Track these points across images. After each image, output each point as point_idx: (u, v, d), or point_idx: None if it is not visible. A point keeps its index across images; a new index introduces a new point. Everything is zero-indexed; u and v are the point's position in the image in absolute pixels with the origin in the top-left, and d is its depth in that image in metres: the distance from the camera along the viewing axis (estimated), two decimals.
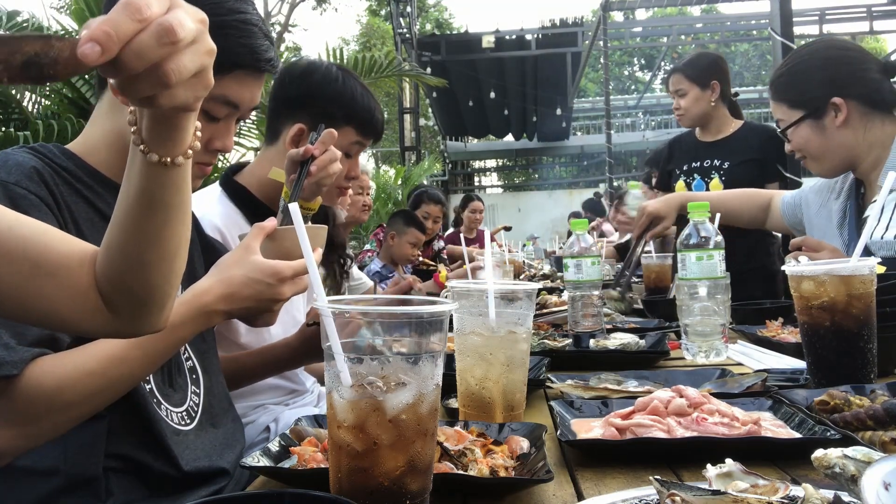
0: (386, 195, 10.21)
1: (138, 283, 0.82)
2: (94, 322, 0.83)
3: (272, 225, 1.17)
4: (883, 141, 1.80)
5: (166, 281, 0.84)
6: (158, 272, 0.82)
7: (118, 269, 0.81)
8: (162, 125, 0.70)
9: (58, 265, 0.80)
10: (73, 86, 4.50)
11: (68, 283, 0.80)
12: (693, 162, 3.12)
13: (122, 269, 0.80)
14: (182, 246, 0.84)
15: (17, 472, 1.00)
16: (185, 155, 0.73)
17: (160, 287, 0.84)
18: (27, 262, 0.77)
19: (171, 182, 0.75)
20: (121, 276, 0.81)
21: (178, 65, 0.57)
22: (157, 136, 0.71)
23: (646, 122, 20.13)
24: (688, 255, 1.63)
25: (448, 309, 0.74)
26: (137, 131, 0.71)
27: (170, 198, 0.77)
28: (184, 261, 0.87)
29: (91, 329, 0.86)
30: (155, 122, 0.70)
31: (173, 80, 0.58)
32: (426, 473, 0.73)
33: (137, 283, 0.82)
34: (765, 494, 0.65)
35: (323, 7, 22.06)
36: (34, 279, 0.78)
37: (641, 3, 10.65)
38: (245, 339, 1.63)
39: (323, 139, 1.39)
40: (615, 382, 1.32)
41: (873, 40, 20.16)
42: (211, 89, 0.64)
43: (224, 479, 1.21)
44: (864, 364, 1.23)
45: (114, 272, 0.81)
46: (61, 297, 0.80)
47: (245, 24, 1.20)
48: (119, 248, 0.80)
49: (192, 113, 0.70)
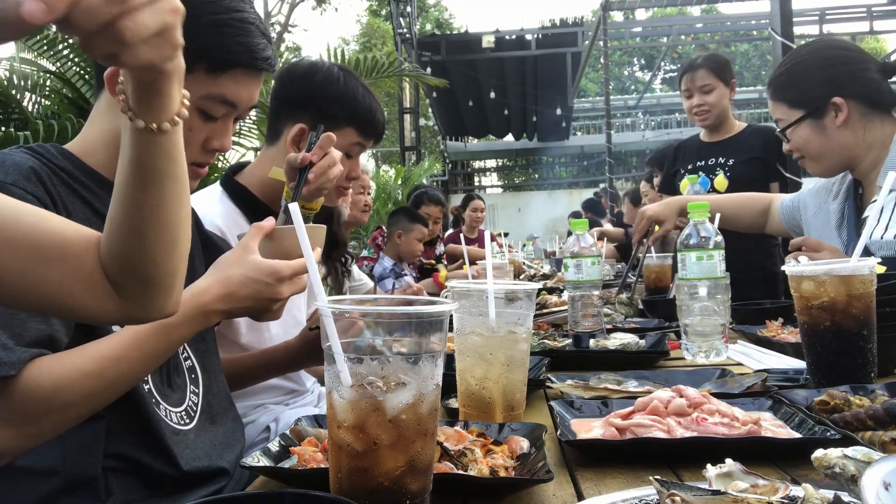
0: (386, 195, 10.20)
1: (141, 259, 0.82)
2: (103, 307, 0.84)
3: (271, 224, 1.17)
4: (882, 141, 1.80)
5: (168, 257, 0.84)
6: (159, 247, 0.83)
7: (120, 247, 0.81)
8: (144, 91, 0.71)
9: (63, 251, 0.80)
10: (73, 86, 4.50)
11: (74, 268, 0.81)
12: (697, 161, 3.13)
13: (123, 246, 0.81)
14: (182, 222, 0.85)
15: (16, 472, 1.00)
16: (171, 122, 0.74)
17: (163, 265, 0.84)
18: (32, 249, 0.78)
19: (161, 149, 0.76)
20: (123, 253, 0.81)
21: (134, 23, 0.59)
22: (141, 101, 0.72)
23: (646, 122, 20.13)
24: (688, 255, 1.63)
25: (448, 309, 0.74)
26: (125, 99, 0.73)
27: (162, 166, 0.78)
28: (186, 240, 0.87)
29: (101, 314, 0.86)
30: (138, 87, 0.71)
31: (129, 38, 0.59)
32: (426, 473, 0.73)
33: (140, 260, 0.82)
34: (765, 494, 0.65)
35: (323, 7, 22.05)
36: (40, 266, 0.78)
37: (641, 3, 10.65)
38: (246, 340, 1.63)
39: (321, 144, 1.38)
40: (615, 382, 1.32)
41: (873, 40, 20.16)
42: (208, 88, 0.65)
43: (224, 478, 1.21)
44: (864, 364, 1.23)
45: (116, 250, 0.81)
46: (68, 282, 0.81)
47: (242, 22, 1.20)
48: (119, 224, 0.80)
49: (171, 77, 0.70)
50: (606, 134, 11.02)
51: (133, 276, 0.83)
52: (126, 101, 0.73)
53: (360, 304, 0.79)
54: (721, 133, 3.11)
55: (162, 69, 0.68)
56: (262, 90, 1.31)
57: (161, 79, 0.70)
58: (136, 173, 0.77)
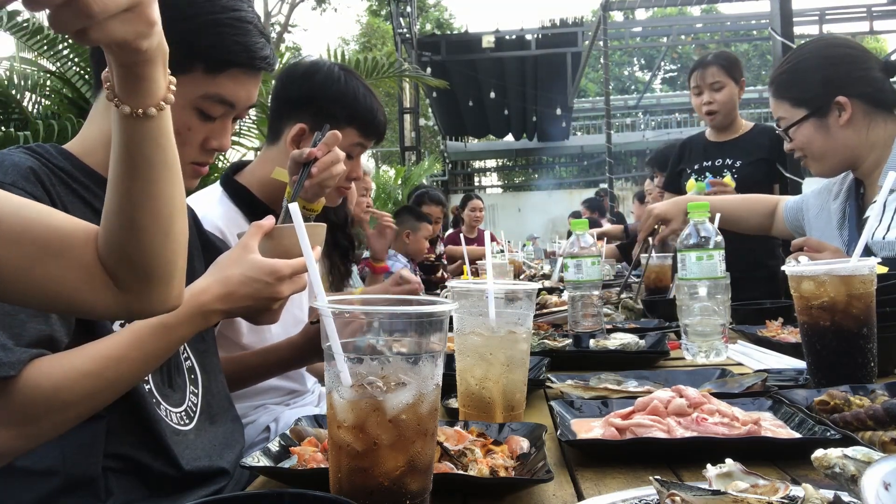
0: (386, 195, 10.20)
1: (136, 250, 0.82)
2: (104, 301, 0.84)
3: (270, 223, 1.17)
4: (885, 140, 1.79)
5: (164, 247, 0.84)
6: (154, 237, 0.82)
7: (116, 238, 0.81)
8: (128, 75, 0.71)
9: (63, 245, 0.80)
10: (73, 86, 4.50)
11: (75, 263, 0.81)
12: (704, 161, 3.11)
13: (118, 236, 0.81)
14: (176, 211, 0.84)
15: (16, 472, 1.00)
16: (157, 107, 0.74)
17: (159, 254, 0.84)
18: (33, 244, 0.78)
19: (148, 135, 0.76)
20: (119, 244, 0.81)
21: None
22: (125, 86, 0.72)
23: (646, 122, 20.12)
24: (688, 255, 1.63)
25: (448, 309, 0.74)
26: (111, 86, 0.73)
27: (150, 153, 0.78)
28: (182, 230, 0.87)
29: (102, 309, 0.86)
30: (121, 72, 0.71)
31: (95, 11, 0.59)
32: (426, 473, 0.73)
33: (135, 251, 0.82)
34: (765, 494, 0.65)
35: (323, 7, 22.05)
36: (41, 261, 0.78)
37: (641, 3, 10.65)
38: (247, 340, 1.62)
39: (326, 141, 1.38)
40: (615, 382, 1.32)
41: (873, 40, 20.15)
42: (206, 88, 0.65)
43: (224, 479, 1.21)
44: (864, 364, 1.23)
45: (112, 242, 0.81)
46: (69, 277, 0.81)
47: (240, 21, 1.20)
48: (113, 214, 0.81)
49: (152, 60, 0.70)
50: (606, 134, 11.02)
51: (130, 268, 0.83)
52: (112, 88, 0.73)
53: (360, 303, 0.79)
54: (728, 133, 3.09)
55: (137, 47, 0.67)
56: (263, 90, 1.31)
57: (142, 62, 0.70)
58: (126, 161, 0.78)
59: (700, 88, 3.04)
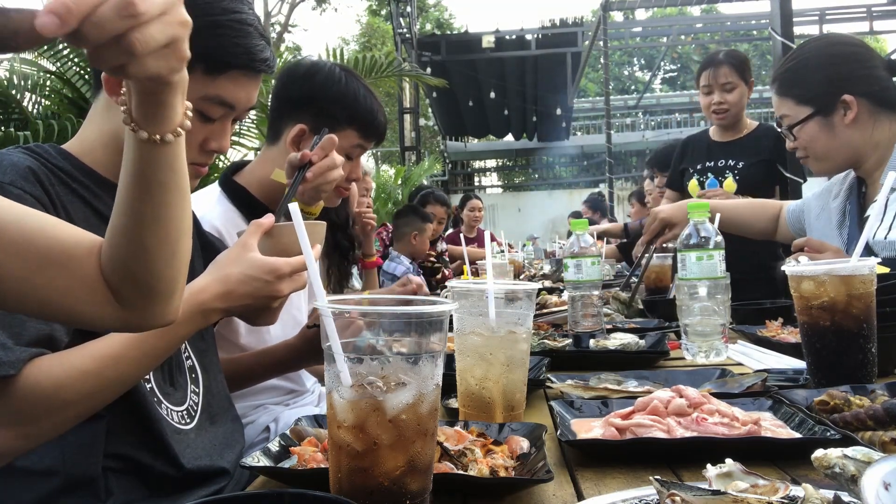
0: (386, 195, 10.20)
1: (141, 269, 0.82)
2: (103, 314, 0.83)
3: (270, 222, 1.16)
4: (888, 139, 1.78)
5: (169, 267, 0.84)
6: (160, 258, 0.82)
7: (121, 256, 0.81)
8: (148, 102, 0.71)
9: (66, 256, 0.80)
10: (73, 86, 4.50)
11: (78, 275, 0.80)
12: (707, 161, 3.09)
13: (124, 255, 0.81)
14: (183, 233, 0.84)
15: (16, 472, 1.00)
16: (174, 133, 0.74)
17: (163, 274, 0.84)
18: (35, 254, 0.77)
19: (163, 160, 0.76)
20: (124, 262, 0.81)
21: (143, 35, 0.59)
22: (144, 112, 0.72)
23: (646, 122, 20.12)
24: (688, 255, 1.63)
25: (448, 309, 0.74)
26: (128, 110, 0.72)
27: (164, 177, 0.77)
28: (187, 250, 0.87)
29: (101, 321, 0.85)
30: (141, 98, 0.71)
31: (139, 50, 0.59)
32: (426, 473, 0.73)
33: (140, 270, 0.82)
34: (765, 494, 0.65)
35: (323, 7, 22.06)
36: (43, 271, 0.78)
37: (641, 3, 10.65)
38: (245, 340, 1.62)
39: (322, 145, 1.38)
40: (615, 382, 1.32)
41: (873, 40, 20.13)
42: (206, 90, 0.65)
43: (224, 478, 1.21)
44: (864, 364, 1.23)
45: (117, 259, 0.81)
46: (70, 288, 0.80)
47: (240, 23, 1.20)
48: (120, 233, 0.80)
49: (175, 88, 0.70)
50: (606, 134, 11.02)
51: (133, 286, 0.83)
52: (129, 113, 0.72)
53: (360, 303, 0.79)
54: (733, 132, 3.07)
55: (168, 81, 0.68)
56: (262, 90, 1.31)
57: (166, 90, 0.70)
58: (138, 184, 0.77)
59: (710, 88, 2.99)
